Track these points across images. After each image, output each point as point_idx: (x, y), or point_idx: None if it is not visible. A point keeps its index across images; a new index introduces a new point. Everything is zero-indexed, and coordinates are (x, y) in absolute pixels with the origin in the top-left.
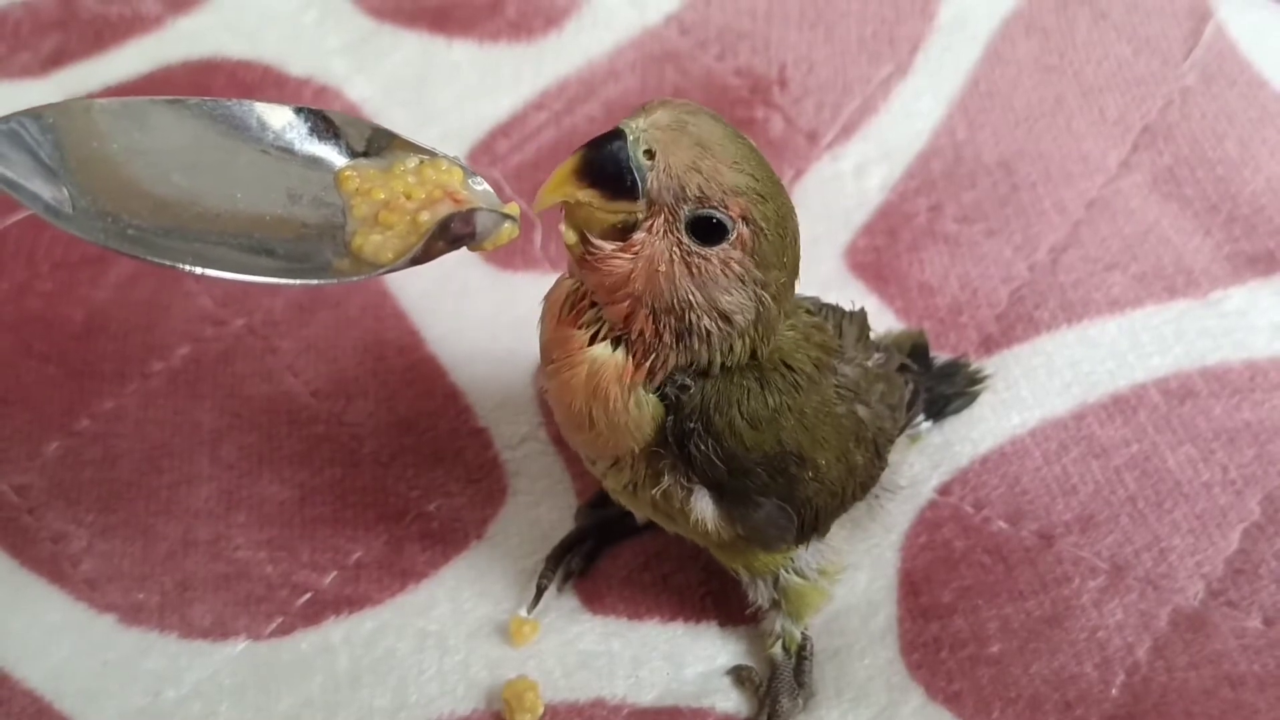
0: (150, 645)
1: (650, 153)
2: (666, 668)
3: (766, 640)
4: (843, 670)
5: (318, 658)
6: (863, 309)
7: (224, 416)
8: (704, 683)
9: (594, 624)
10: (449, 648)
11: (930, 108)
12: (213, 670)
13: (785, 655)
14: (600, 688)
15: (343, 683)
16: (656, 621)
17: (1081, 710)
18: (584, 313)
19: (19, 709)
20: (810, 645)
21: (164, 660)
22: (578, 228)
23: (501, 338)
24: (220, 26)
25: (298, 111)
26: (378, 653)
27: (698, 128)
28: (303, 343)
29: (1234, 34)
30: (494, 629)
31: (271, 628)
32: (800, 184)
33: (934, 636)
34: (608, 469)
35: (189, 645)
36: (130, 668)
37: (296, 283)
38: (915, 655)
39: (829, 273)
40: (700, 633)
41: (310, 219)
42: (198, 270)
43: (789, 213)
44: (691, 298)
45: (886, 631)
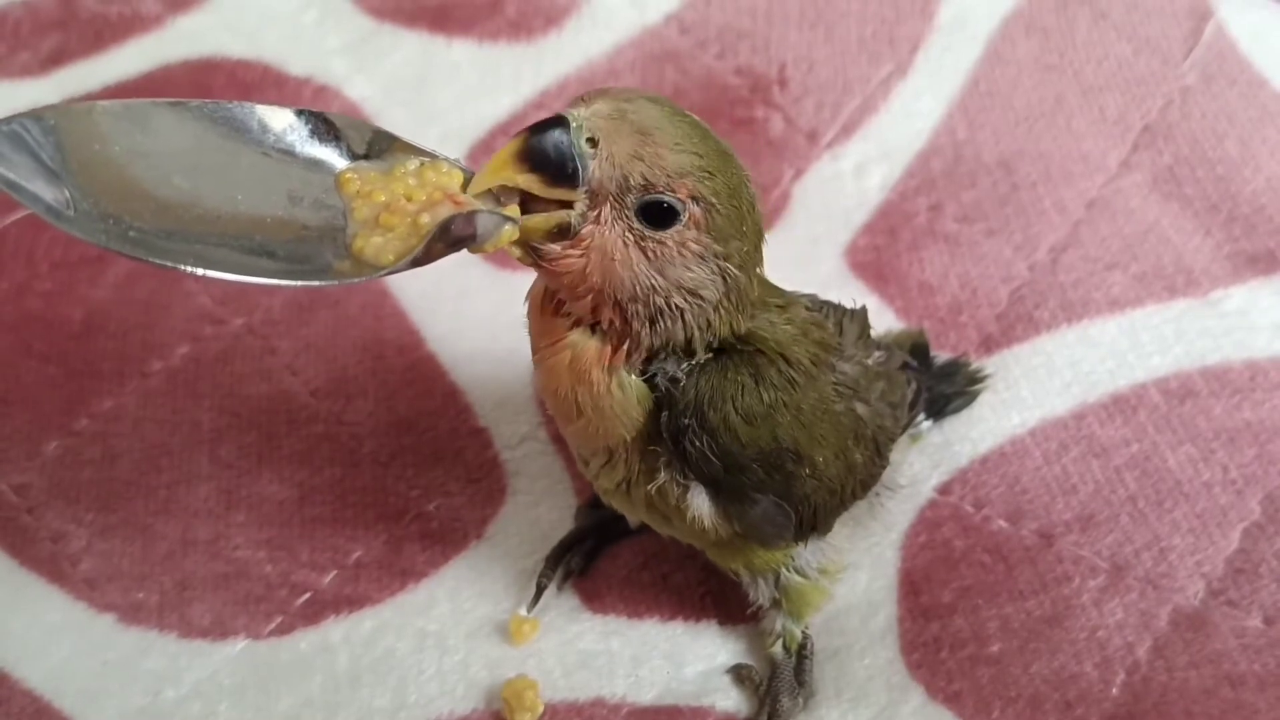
0: (150, 645)
1: (593, 141)
2: (666, 667)
3: (767, 639)
4: (843, 669)
5: (317, 657)
6: (864, 307)
7: (223, 416)
8: (704, 682)
9: (594, 623)
10: (448, 647)
11: (930, 107)
12: (212, 670)
13: (785, 654)
14: (600, 687)
15: (342, 682)
16: (656, 620)
17: (1082, 710)
18: (563, 302)
19: (18, 709)
20: (810, 644)
21: (163, 660)
22: (521, 241)
23: (501, 337)
24: (220, 26)
25: (299, 114)
26: (377, 652)
27: (638, 114)
28: (302, 342)
29: (1234, 33)
30: (494, 628)
31: (271, 627)
32: (800, 183)
33: (934, 636)
34: (601, 467)
35: (188, 645)
36: (130, 667)
37: (297, 284)
38: (915, 655)
39: (829, 272)
40: (700, 632)
41: (311, 221)
42: (199, 271)
43: (741, 182)
44: (653, 282)
45: (886, 631)
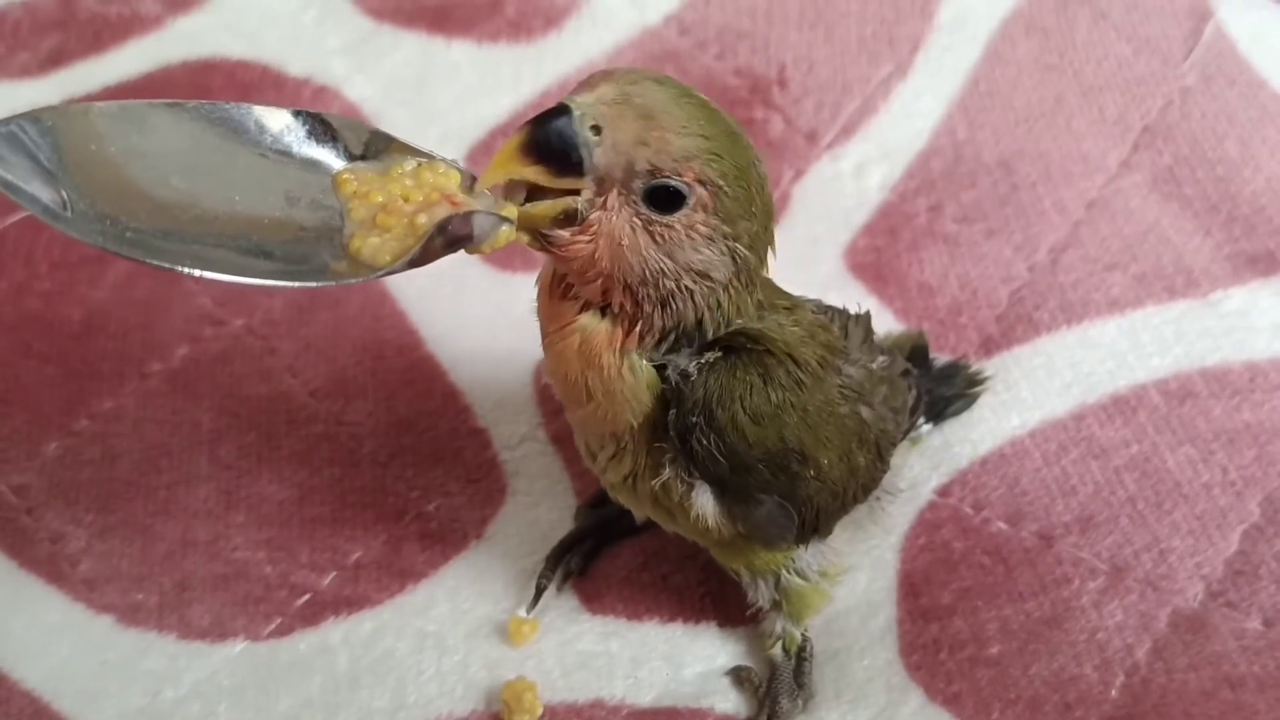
0: (149, 646)
1: (597, 128)
2: (666, 668)
3: (766, 641)
4: (842, 671)
5: (316, 658)
6: (868, 312)
7: (223, 416)
8: (703, 683)
9: (593, 624)
10: (448, 648)
11: (930, 107)
12: (211, 671)
13: (785, 656)
14: (599, 688)
15: (342, 683)
16: (656, 622)
17: (1081, 711)
18: (572, 285)
19: (17, 709)
20: (810, 646)
21: (163, 661)
22: (529, 227)
23: (501, 337)
24: (219, 26)
25: (296, 114)
26: (376, 653)
27: (643, 98)
28: (301, 343)
29: (1234, 34)
30: (493, 629)
31: (270, 628)
32: (800, 184)
33: (933, 638)
34: (609, 461)
35: (188, 646)
36: (129, 668)
37: (295, 285)
38: (915, 656)
39: (829, 273)
40: (699, 633)
41: (308, 221)
42: (196, 272)
43: (749, 162)
44: (662, 265)
45: (886, 632)
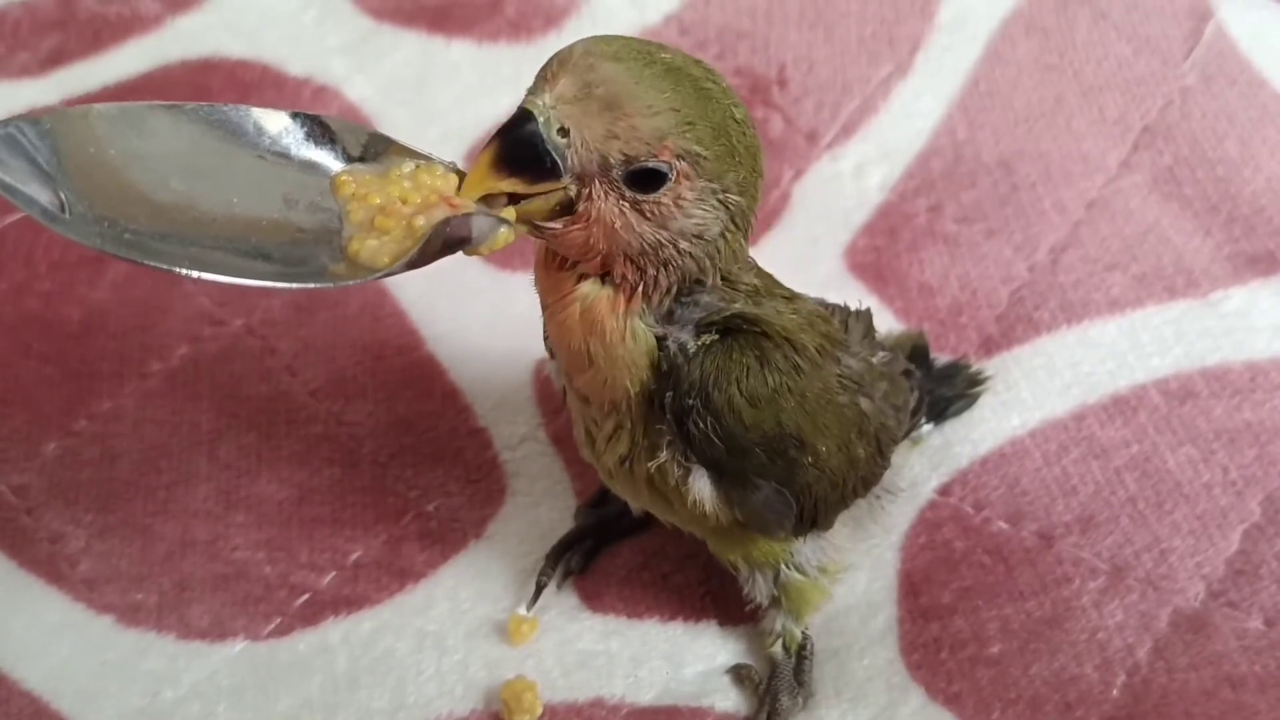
0: (148, 646)
1: (564, 130)
2: (666, 667)
3: (766, 639)
4: (842, 670)
5: (316, 658)
6: (868, 308)
7: (222, 417)
8: (703, 682)
9: (593, 623)
10: (447, 648)
11: (930, 107)
12: (211, 671)
13: (785, 654)
14: (599, 687)
15: (341, 683)
16: (656, 620)
17: (1082, 711)
18: (567, 259)
19: (17, 709)
20: (810, 644)
21: (162, 661)
22: (524, 220)
23: (501, 337)
24: (219, 26)
25: (294, 117)
26: (376, 653)
27: (604, 85)
28: (301, 343)
29: (1234, 34)
30: (493, 629)
31: (270, 628)
32: (800, 184)
33: (934, 637)
34: (607, 442)
35: (187, 646)
36: (128, 668)
37: (293, 286)
38: (915, 656)
39: (828, 273)
40: (700, 632)
41: (306, 223)
42: (194, 274)
43: (725, 117)
44: (658, 236)
45: (886, 632)
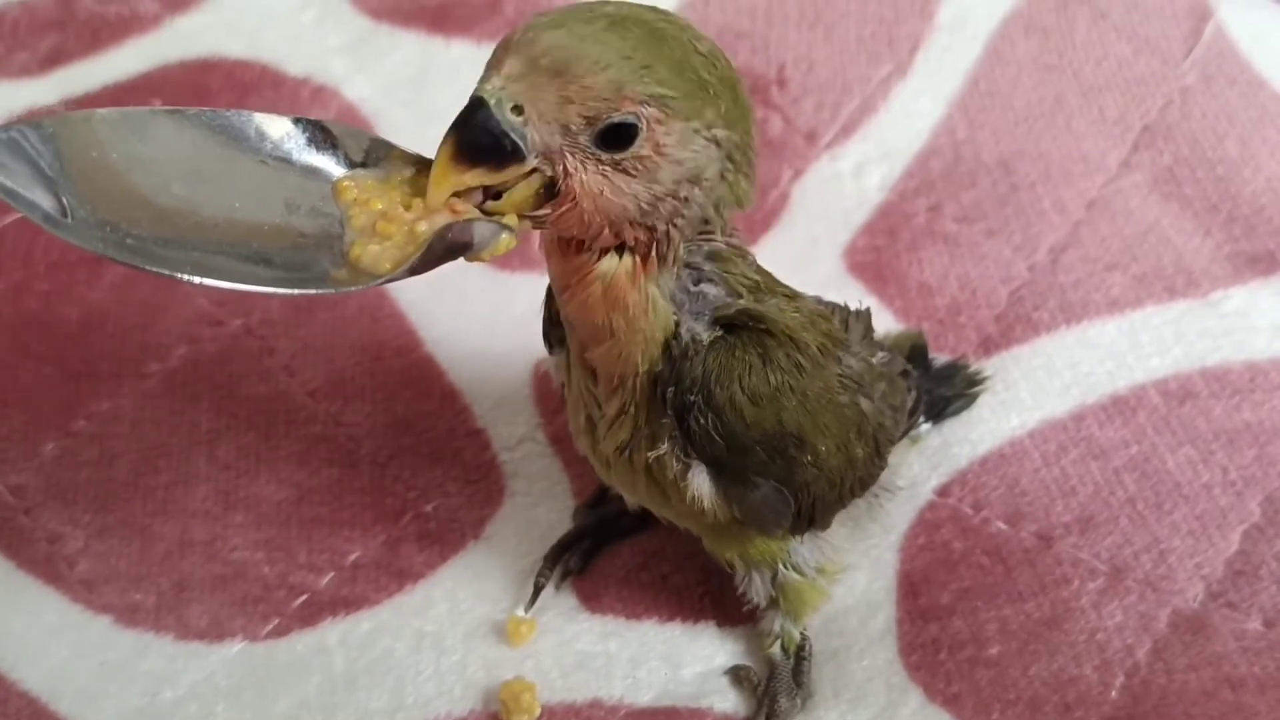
0: (147, 646)
1: (518, 108)
2: (664, 668)
3: (765, 640)
4: (841, 671)
5: (314, 659)
6: (868, 308)
7: (221, 417)
8: (702, 683)
9: (591, 624)
10: (446, 648)
11: (930, 107)
12: (209, 671)
13: (784, 655)
14: (598, 688)
15: (339, 684)
16: (654, 621)
17: (1081, 712)
18: (581, 241)
19: (15, 710)
20: (809, 645)
21: (161, 661)
22: (511, 212)
23: (500, 338)
24: (218, 26)
25: (296, 122)
26: (375, 654)
27: (549, 54)
28: (300, 343)
29: (1234, 34)
30: (491, 629)
31: (268, 629)
32: (799, 184)
33: (933, 638)
34: (608, 429)
35: (186, 646)
36: (127, 669)
37: (294, 292)
38: (914, 656)
39: (828, 273)
40: (698, 633)
41: (308, 229)
42: (196, 280)
43: (685, 51)
44: (654, 190)
45: (885, 632)
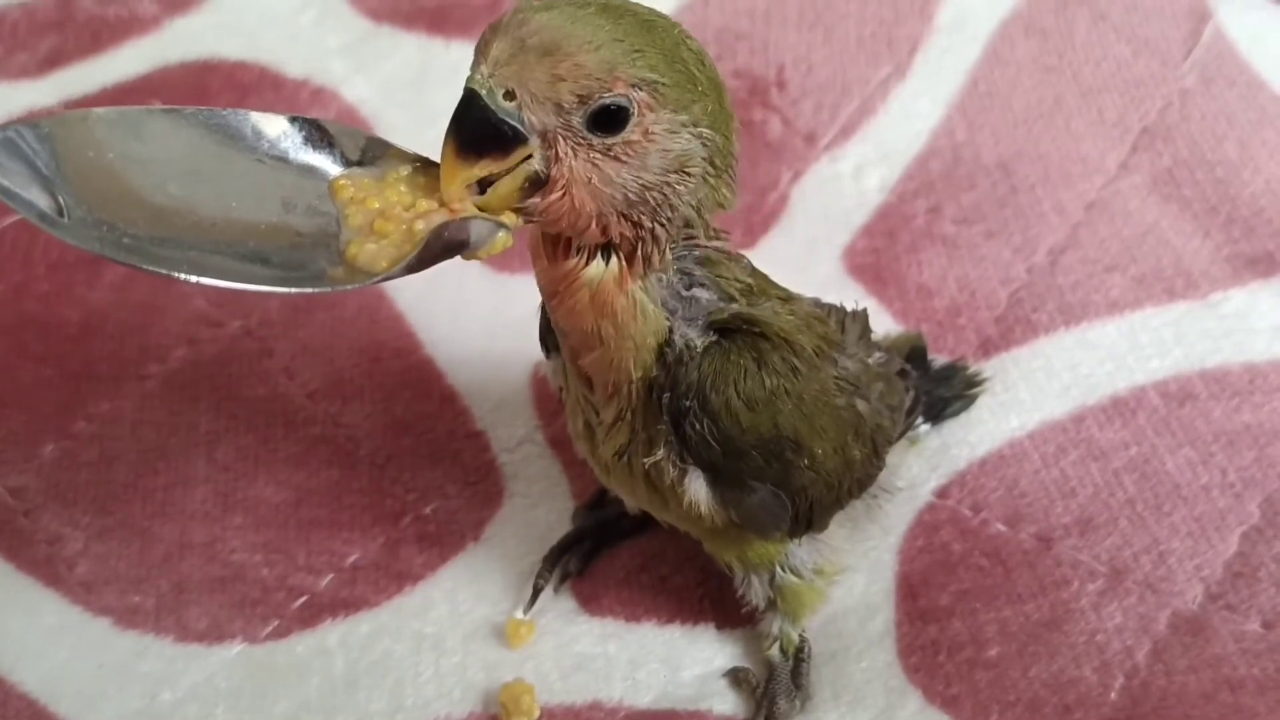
0: (146, 648)
1: (510, 93)
2: (663, 670)
3: (764, 642)
4: (840, 673)
5: (314, 660)
6: (864, 309)
7: (220, 419)
8: (701, 685)
9: (591, 626)
10: (446, 650)
11: (929, 109)
12: (209, 673)
13: (783, 657)
14: (597, 690)
15: (339, 686)
16: (654, 623)
17: (1080, 714)
18: (569, 244)
19: (15, 712)
20: (808, 647)
21: (160, 663)
22: (502, 209)
23: (499, 339)
24: (218, 27)
25: (292, 120)
26: (374, 655)
27: (537, 35)
28: (299, 345)
29: (1233, 35)
30: (491, 631)
31: (267, 631)
32: (799, 185)
33: (932, 639)
34: (606, 434)
35: (185, 648)
36: (126, 671)
37: (291, 291)
38: (913, 658)
39: (827, 274)
40: (697, 635)
41: (304, 227)
42: (193, 279)
43: (675, 43)
44: (640, 180)
45: (884, 634)
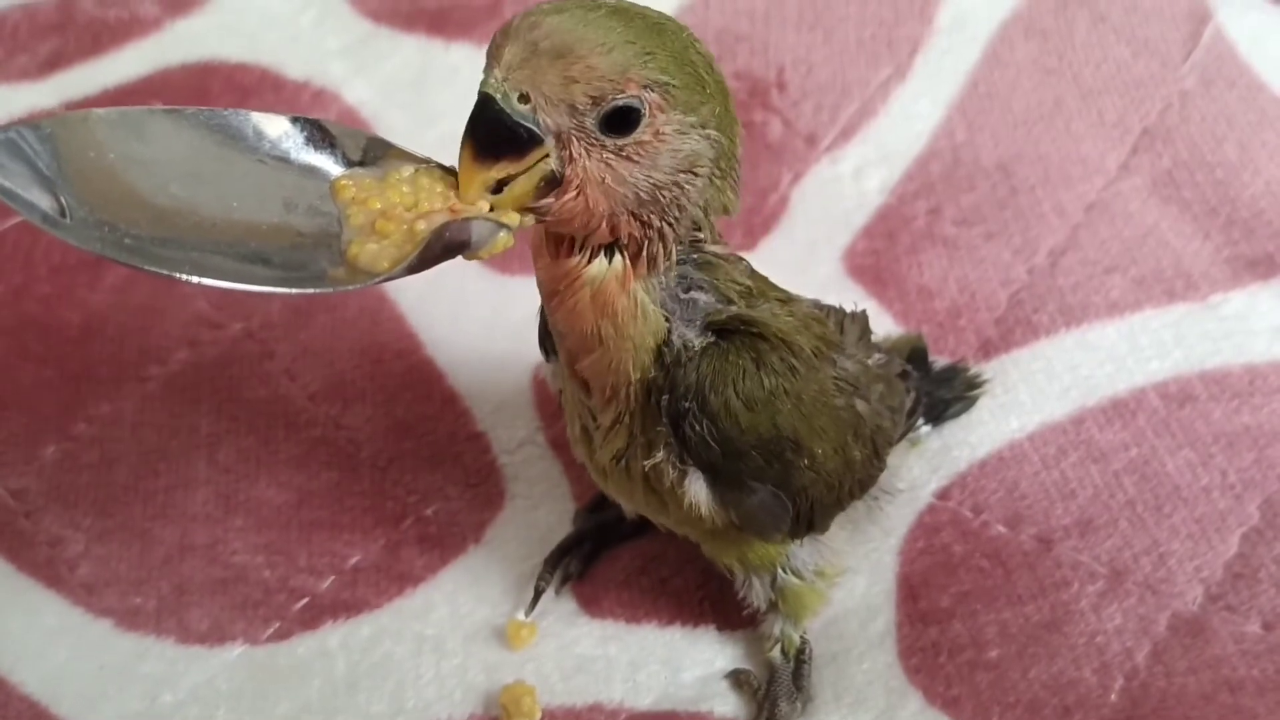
0: (147, 650)
1: (524, 96)
2: (664, 671)
3: (765, 644)
4: (841, 674)
5: (315, 662)
6: (864, 310)
7: (221, 420)
8: (702, 686)
9: (591, 627)
10: (446, 652)
11: (929, 110)
12: (210, 675)
13: (784, 659)
14: (598, 692)
15: (340, 687)
16: (654, 625)
17: (1080, 715)
18: (573, 242)
19: (15, 713)
20: (809, 649)
21: (161, 665)
22: (514, 209)
23: (500, 341)
24: (218, 29)
25: (294, 121)
26: (375, 657)
27: (549, 39)
28: (300, 346)
29: (1233, 36)
30: (492, 633)
31: (269, 632)
32: (799, 187)
33: (932, 641)
34: (604, 438)
35: (186, 650)
36: (127, 672)
37: (293, 291)
38: (914, 660)
39: (827, 275)
40: (698, 636)
41: (306, 228)
42: (194, 280)
43: (684, 46)
44: (652, 179)
45: (885, 636)
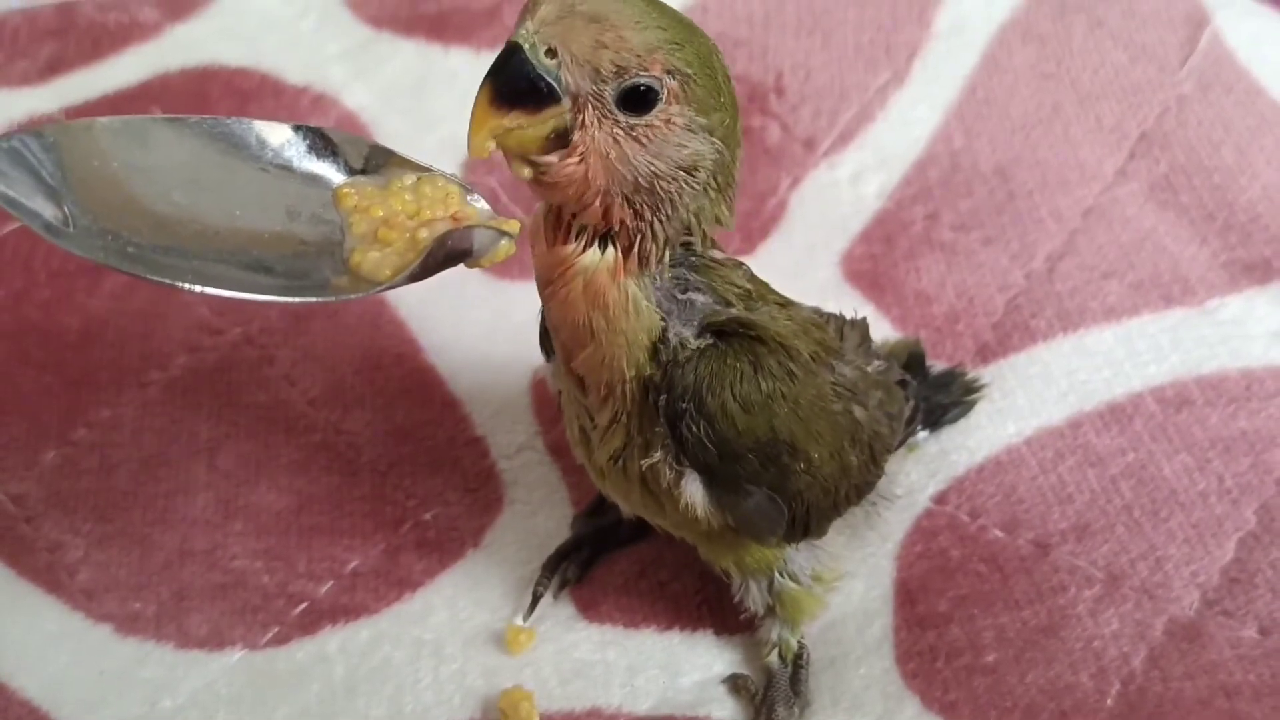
0: (147, 655)
1: (552, 51)
2: (662, 676)
3: (763, 649)
4: (839, 679)
5: (314, 667)
6: (864, 317)
7: (221, 426)
8: (700, 691)
9: (590, 632)
10: (445, 656)
11: (927, 115)
12: (209, 680)
13: (781, 664)
14: (596, 697)
15: (339, 692)
16: (653, 630)
17: None
18: (569, 229)
19: (15, 718)
20: (806, 654)
21: (160, 670)
22: (519, 156)
23: (499, 346)
24: (218, 34)
25: (296, 129)
26: (374, 662)
27: (588, 3)
28: (300, 352)
29: (1231, 41)
30: (490, 637)
31: (268, 637)
32: (797, 192)
33: (930, 646)
34: (601, 438)
35: (185, 655)
36: (127, 677)
37: (295, 300)
38: (911, 664)
39: (825, 280)
40: (696, 641)
41: (308, 236)
42: (197, 289)
43: (710, 50)
44: (653, 167)
45: (882, 640)
